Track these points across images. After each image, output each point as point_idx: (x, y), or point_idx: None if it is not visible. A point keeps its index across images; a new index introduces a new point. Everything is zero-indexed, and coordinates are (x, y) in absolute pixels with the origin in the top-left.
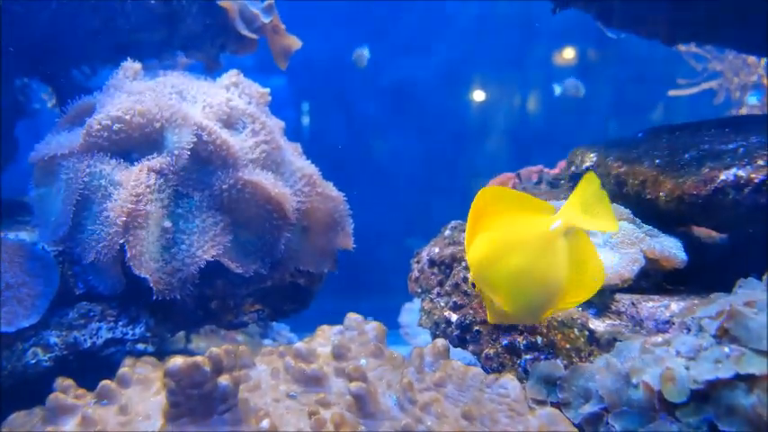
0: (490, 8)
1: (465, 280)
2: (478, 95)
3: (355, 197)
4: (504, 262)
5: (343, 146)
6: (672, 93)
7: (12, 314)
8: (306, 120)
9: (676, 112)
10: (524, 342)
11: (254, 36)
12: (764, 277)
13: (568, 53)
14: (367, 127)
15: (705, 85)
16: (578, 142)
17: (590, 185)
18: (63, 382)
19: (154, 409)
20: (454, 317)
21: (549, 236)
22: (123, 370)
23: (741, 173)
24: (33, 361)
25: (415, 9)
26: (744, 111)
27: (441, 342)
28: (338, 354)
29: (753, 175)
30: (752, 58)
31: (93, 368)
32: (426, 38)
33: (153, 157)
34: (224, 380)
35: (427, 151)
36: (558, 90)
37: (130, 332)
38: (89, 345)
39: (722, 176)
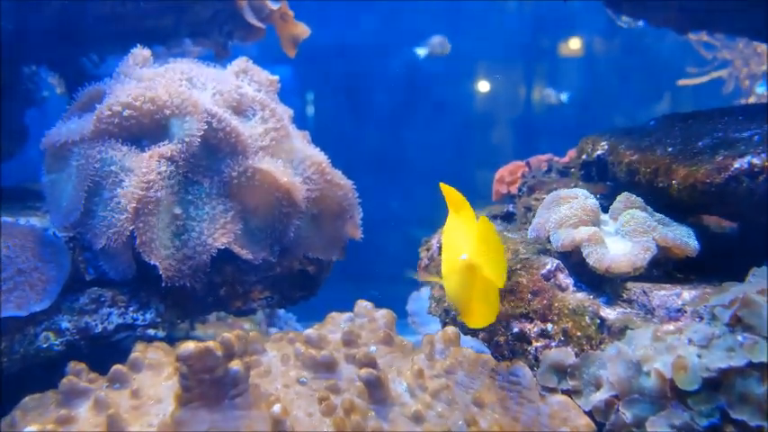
0: None
1: None
2: (485, 85)
3: (362, 187)
4: (444, 261)
5: (349, 136)
6: (681, 82)
7: (23, 298)
8: (311, 110)
9: (682, 104)
10: (535, 330)
11: (261, 24)
12: None
13: (575, 43)
14: (374, 117)
15: (714, 74)
16: (585, 132)
17: (487, 233)
18: (75, 366)
19: (165, 393)
20: None
21: (459, 263)
22: (135, 355)
23: (755, 161)
24: (45, 345)
25: None
26: (752, 100)
27: (451, 329)
28: (348, 340)
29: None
30: (762, 47)
31: (103, 353)
32: (434, 27)
33: (164, 144)
34: (235, 365)
35: (435, 141)
36: (423, 52)
37: (141, 318)
38: (100, 330)
39: (736, 164)
